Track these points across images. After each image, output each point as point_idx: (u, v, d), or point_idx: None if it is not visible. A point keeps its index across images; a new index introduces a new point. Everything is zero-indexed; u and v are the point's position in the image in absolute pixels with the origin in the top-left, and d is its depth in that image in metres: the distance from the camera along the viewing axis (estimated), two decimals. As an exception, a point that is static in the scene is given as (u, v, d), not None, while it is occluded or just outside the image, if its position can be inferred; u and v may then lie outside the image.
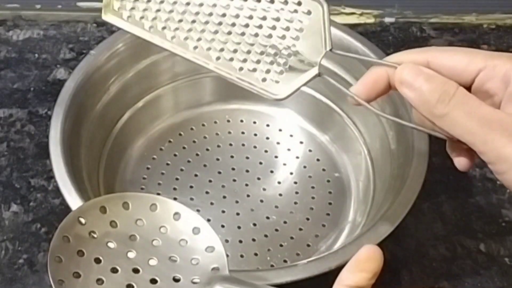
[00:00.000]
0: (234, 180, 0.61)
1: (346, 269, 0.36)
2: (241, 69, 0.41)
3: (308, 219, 0.59)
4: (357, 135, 0.61)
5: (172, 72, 0.63)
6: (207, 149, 0.63)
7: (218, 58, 0.42)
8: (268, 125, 0.65)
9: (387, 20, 0.76)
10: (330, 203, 0.60)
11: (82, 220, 0.40)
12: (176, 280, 0.39)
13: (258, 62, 0.41)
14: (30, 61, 0.70)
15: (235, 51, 0.41)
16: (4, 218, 0.59)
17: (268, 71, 0.41)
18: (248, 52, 0.41)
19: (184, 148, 0.63)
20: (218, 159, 0.62)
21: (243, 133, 0.64)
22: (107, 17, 0.44)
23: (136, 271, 0.40)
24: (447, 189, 0.62)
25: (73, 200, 0.48)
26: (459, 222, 0.60)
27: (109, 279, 0.39)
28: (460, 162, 0.40)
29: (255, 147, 0.63)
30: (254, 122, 0.65)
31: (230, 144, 0.64)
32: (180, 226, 0.41)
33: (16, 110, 0.66)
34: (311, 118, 0.65)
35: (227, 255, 0.41)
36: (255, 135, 0.64)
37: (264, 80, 0.41)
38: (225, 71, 0.41)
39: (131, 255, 0.40)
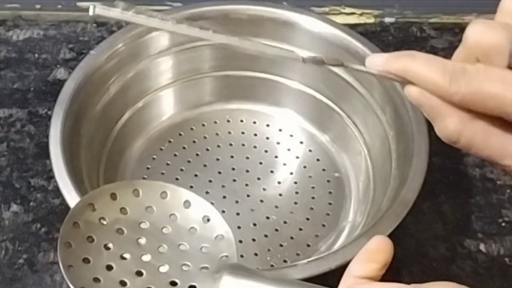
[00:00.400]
0: (234, 180, 0.61)
1: (356, 260, 0.35)
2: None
3: (308, 219, 0.59)
4: (357, 135, 0.61)
5: (172, 72, 0.63)
6: (207, 149, 0.63)
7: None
8: (268, 125, 0.65)
9: (387, 20, 0.76)
10: (330, 203, 0.60)
11: (92, 206, 0.40)
12: (185, 267, 0.39)
13: None
14: (30, 61, 0.70)
15: None
16: (4, 218, 0.59)
17: None
18: None
19: (184, 148, 0.63)
20: (218, 159, 0.62)
21: (243, 133, 0.64)
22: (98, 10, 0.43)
23: (145, 258, 0.40)
24: (447, 189, 0.62)
25: (73, 200, 0.48)
26: (459, 222, 0.60)
27: (119, 265, 0.39)
28: None
29: (255, 147, 0.63)
30: (254, 122, 0.65)
31: (230, 144, 0.64)
32: (190, 214, 0.41)
33: (16, 110, 0.66)
34: (311, 118, 0.65)
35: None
36: (255, 135, 0.64)
37: None
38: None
39: (141, 242, 0.40)
